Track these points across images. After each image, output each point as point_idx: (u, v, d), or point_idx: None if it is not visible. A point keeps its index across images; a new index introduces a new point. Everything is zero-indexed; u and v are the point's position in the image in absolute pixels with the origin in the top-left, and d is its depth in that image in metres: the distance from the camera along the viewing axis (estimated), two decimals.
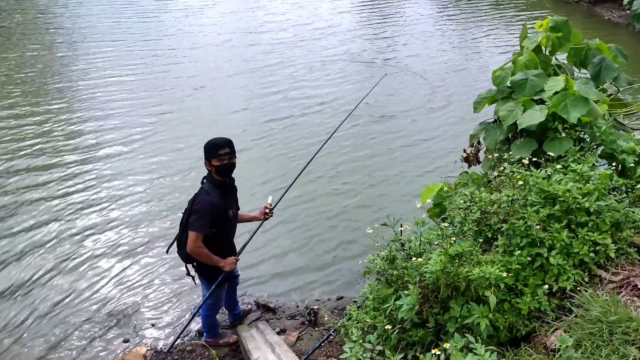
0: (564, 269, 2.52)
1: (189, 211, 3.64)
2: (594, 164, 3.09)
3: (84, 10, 16.16)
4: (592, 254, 2.55)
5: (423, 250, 2.99)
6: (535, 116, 3.50)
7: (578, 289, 2.45)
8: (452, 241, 2.71)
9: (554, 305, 2.47)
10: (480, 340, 2.14)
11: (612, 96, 4.33)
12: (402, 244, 3.18)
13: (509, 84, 3.98)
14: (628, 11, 13.12)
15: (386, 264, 2.96)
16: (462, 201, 3.02)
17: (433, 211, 3.77)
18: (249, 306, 4.86)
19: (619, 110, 4.24)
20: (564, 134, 3.43)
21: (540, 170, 3.01)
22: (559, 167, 3.05)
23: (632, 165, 3.24)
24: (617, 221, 2.70)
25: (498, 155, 3.65)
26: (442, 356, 2.14)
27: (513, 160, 3.42)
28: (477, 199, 2.88)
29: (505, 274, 2.40)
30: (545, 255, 2.55)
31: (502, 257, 2.58)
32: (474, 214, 2.85)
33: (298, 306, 4.99)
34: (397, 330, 2.62)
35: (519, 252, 2.57)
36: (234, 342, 4.39)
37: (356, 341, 2.40)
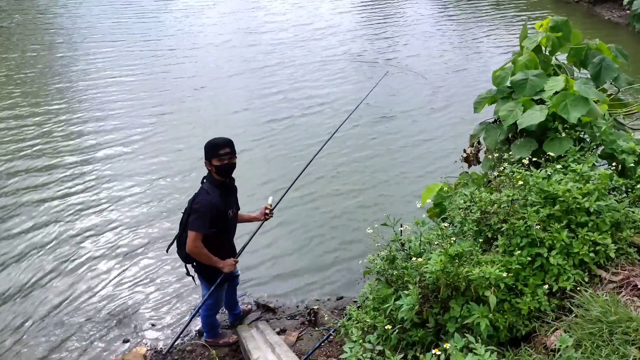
0: (564, 269, 2.52)
1: (189, 211, 3.64)
2: (594, 164, 3.09)
3: (83, 10, 16.16)
4: (592, 254, 2.55)
5: (423, 250, 2.98)
6: (535, 116, 3.50)
7: (578, 289, 2.45)
8: (452, 241, 2.71)
9: (554, 305, 2.47)
10: (480, 340, 2.14)
11: (612, 96, 4.33)
12: (402, 244, 3.18)
13: (509, 84, 3.97)
14: (628, 11, 13.12)
15: (386, 264, 2.96)
16: (462, 201, 3.02)
17: (433, 211, 3.77)
18: (249, 306, 4.86)
19: (619, 110, 4.23)
20: (564, 134, 3.43)
21: (540, 170, 3.01)
22: (559, 167, 3.05)
23: (632, 165, 3.23)
24: (617, 221, 2.70)
25: (498, 155, 3.65)
26: (442, 356, 2.14)
27: (513, 160, 3.42)
28: (477, 199, 2.88)
29: (505, 274, 2.40)
30: (545, 255, 2.55)
31: (502, 257, 2.58)
32: (474, 214, 2.85)
33: (298, 306, 4.99)
34: (397, 330, 2.62)
35: (519, 252, 2.57)
36: (234, 342, 4.39)
37: (356, 341, 2.40)
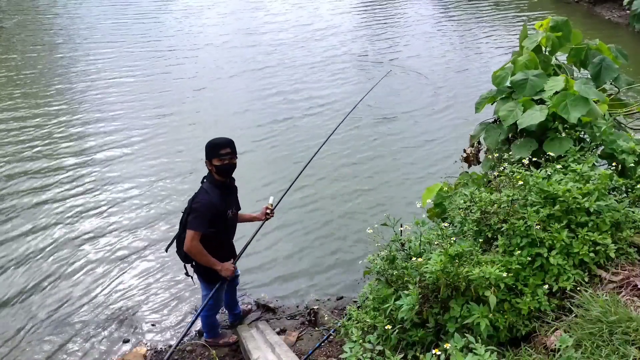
0: (564, 269, 2.52)
1: (189, 210, 3.65)
2: (594, 164, 3.09)
3: (83, 11, 16.17)
4: (592, 254, 2.55)
5: (423, 250, 2.99)
6: (535, 116, 3.50)
7: (578, 289, 2.45)
8: (452, 241, 2.71)
9: (554, 305, 2.47)
10: (480, 340, 2.14)
11: (612, 96, 4.33)
12: (402, 244, 3.18)
13: (509, 84, 3.98)
14: (628, 11, 13.11)
15: (386, 264, 2.96)
16: (462, 201, 3.02)
17: (433, 211, 3.77)
18: (249, 306, 4.86)
19: (619, 110, 4.23)
20: (564, 134, 3.43)
21: (540, 170, 3.01)
22: (559, 167, 3.05)
23: (632, 165, 3.24)
24: (617, 221, 2.70)
25: (498, 155, 3.65)
26: (442, 356, 2.14)
27: (513, 160, 3.42)
28: (477, 199, 2.88)
29: (505, 274, 2.40)
30: (545, 255, 2.55)
31: (502, 257, 2.58)
32: (474, 214, 2.85)
33: (298, 306, 4.99)
34: (397, 330, 2.62)
35: (519, 252, 2.57)
36: (234, 342, 4.39)
37: (356, 341, 2.40)
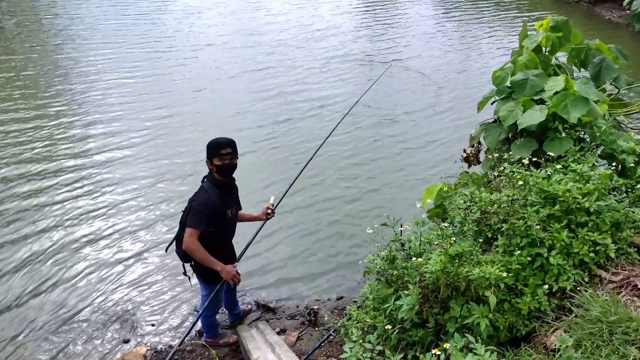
0: (564, 269, 2.52)
1: (188, 209, 3.65)
2: (594, 164, 3.09)
3: (83, 11, 16.18)
4: (592, 254, 2.55)
5: (423, 250, 2.99)
6: (535, 116, 3.50)
7: (578, 289, 2.45)
8: (452, 241, 2.71)
9: (554, 305, 2.47)
10: (480, 340, 2.14)
11: (612, 96, 4.33)
12: (402, 244, 3.18)
13: (509, 84, 3.98)
14: (628, 11, 13.11)
15: (386, 264, 2.96)
16: (462, 201, 3.02)
17: (433, 212, 3.77)
18: (249, 306, 4.86)
19: (619, 110, 4.24)
20: (564, 134, 3.43)
21: (540, 170, 3.01)
22: (559, 167, 3.06)
23: (632, 165, 3.24)
24: (617, 221, 2.70)
25: (498, 155, 3.65)
26: (442, 356, 2.14)
27: (513, 160, 3.42)
28: (477, 199, 2.88)
29: (505, 274, 2.40)
30: (545, 255, 2.55)
31: (502, 257, 2.58)
32: (474, 214, 2.85)
33: (298, 306, 4.99)
34: (397, 330, 2.62)
35: (519, 252, 2.57)
36: (234, 342, 4.39)
37: (356, 341, 2.40)
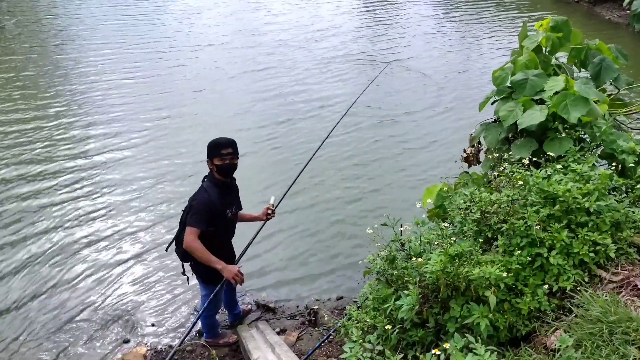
0: (564, 269, 2.52)
1: (188, 209, 3.66)
2: (594, 164, 3.09)
3: (83, 12, 16.19)
4: (592, 254, 2.55)
5: (423, 250, 2.99)
6: (535, 116, 3.50)
7: (578, 289, 2.45)
8: (452, 241, 2.71)
9: (554, 305, 2.47)
10: (480, 340, 2.14)
11: (612, 96, 4.33)
12: (402, 244, 3.18)
13: (509, 84, 3.98)
14: (628, 11, 13.11)
15: (386, 264, 2.96)
16: (462, 201, 3.02)
17: (434, 212, 3.77)
18: (249, 306, 4.86)
19: (619, 110, 4.23)
20: (564, 134, 3.43)
21: (540, 170, 3.01)
22: (559, 167, 3.05)
23: (632, 165, 3.24)
24: (617, 221, 2.70)
25: (498, 155, 3.65)
26: (442, 356, 2.14)
27: (513, 160, 3.42)
28: (477, 199, 2.88)
29: (505, 274, 2.40)
30: (545, 255, 2.55)
31: (502, 257, 2.58)
32: (474, 214, 2.85)
33: (298, 306, 4.99)
34: (397, 330, 2.62)
35: (519, 252, 2.57)
36: (234, 342, 4.39)
37: (356, 341, 2.40)
